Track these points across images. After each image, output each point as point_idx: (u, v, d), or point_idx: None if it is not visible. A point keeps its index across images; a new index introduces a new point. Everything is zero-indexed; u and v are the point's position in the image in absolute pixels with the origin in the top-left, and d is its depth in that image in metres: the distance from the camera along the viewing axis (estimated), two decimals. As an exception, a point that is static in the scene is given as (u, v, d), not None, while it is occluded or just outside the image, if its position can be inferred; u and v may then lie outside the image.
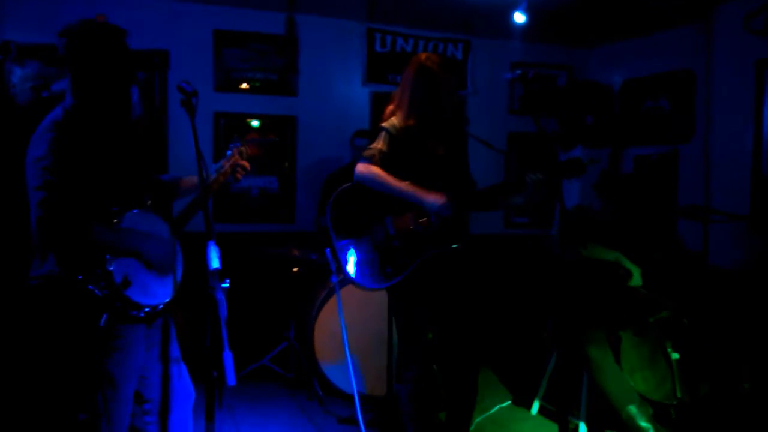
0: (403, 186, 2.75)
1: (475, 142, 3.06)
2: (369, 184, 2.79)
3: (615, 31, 5.60)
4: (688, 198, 5.00)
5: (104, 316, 2.07)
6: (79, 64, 2.17)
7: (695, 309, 3.51)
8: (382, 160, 2.79)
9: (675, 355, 3.35)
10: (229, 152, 2.59)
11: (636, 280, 3.41)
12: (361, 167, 2.80)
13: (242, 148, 2.62)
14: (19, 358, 3.30)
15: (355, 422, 3.36)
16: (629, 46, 5.71)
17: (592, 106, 5.78)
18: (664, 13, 4.93)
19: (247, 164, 2.55)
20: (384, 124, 2.87)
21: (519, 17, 4.88)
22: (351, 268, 2.86)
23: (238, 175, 2.54)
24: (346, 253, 2.88)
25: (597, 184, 3.66)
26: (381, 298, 3.13)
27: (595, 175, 3.75)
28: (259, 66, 5.23)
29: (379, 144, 2.82)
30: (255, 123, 5.24)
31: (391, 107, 2.94)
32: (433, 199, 2.70)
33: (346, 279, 2.92)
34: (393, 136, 2.82)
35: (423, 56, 2.88)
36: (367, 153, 2.83)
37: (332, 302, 3.97)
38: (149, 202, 2.35)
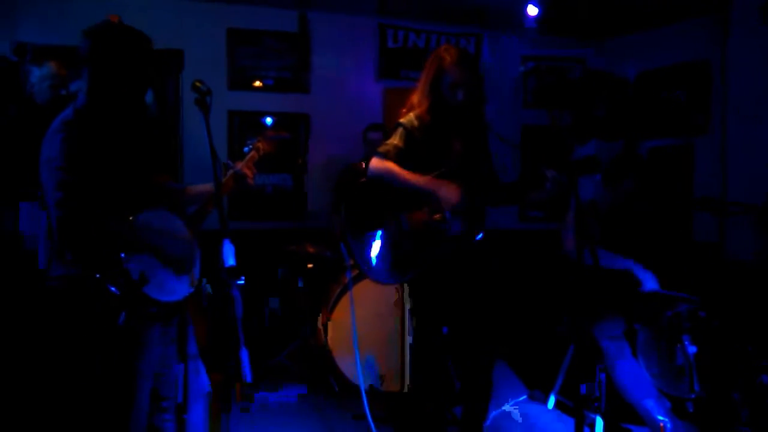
0: (417, 179, 2.75)
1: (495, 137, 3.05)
2: (383, 178, 2.79)
3: (629, 23, 5.54)
4: (704, 190, 4.96)
5: (122, 314, 2.09)
6: (100, 66, 2.17)
7: (712, 302, 3.48)
8: (397, 156, 2.79)
9: (692, 349, 3.33)
10: (246, 149, 2.59)
11: (650, 286, 3.36)
12: (376, 162, 2.80)
13: (258, 144, 2.61)
14: (38, 358, 3.33)
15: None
16: (644, 37, 5.65)
17: (606, 98, 5.73)
18: (681, 3, 4.88)
19: (249, 172, 2.51)
20: (401, 120, 2.87)
21: (532, 10, 4.85)
22: (366, 262, 2.86)
23: (249, 181, 2.52)
24: (361, 248, 2.88)
25: (604, 176, 3.63)
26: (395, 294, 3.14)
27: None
28: (272, 64, 5.25)
29: (394, 140, 2.82)
30: (268, 120, 5.26)
31: (414, 95, 2.96)
32: (447, 190, 2.70)
33: (362, 274, 2.93)
34: (409, 132, 2.81)
35: (443, 47, 2.89)
36: (381, 149, 2.83)
37: (347, 299, 3.98)
38: (164, 200, 2.37)
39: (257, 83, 5.22)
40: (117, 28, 2.22)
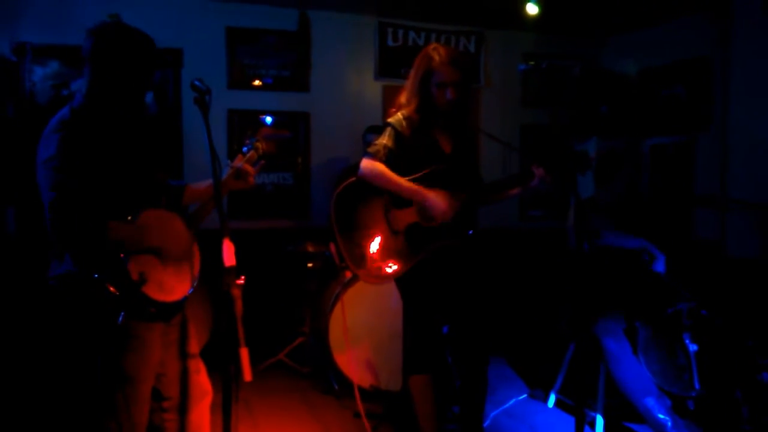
0: (406, 185, 2.76)
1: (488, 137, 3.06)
2: (372, 180, 2.79)
3: (630, 20, 5.54)
4: (705, 187, 4.95)
5: (122, 314, 2.08)
6: (102, 65, 2.16)
7: (713, 299, 3.48)
8: (387, 156, 2.79)
9: (693, 347, 3.33)
10: (246, 148, 2.57)
11: (659, 265, 3.37)
12: (366, 163, 2.80)
13: (257, 144, 2.59)
14: (39, 358, 3.33)
15: (370, 417, 3.37)
16: (645, 34, 5.65)
17: (608, 96, 5.73)
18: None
19: (251, 169, 2.45)
20: (390, 120, 2.86)
21: (531, 9, 4.84)
22: (355, 261, 2.85)
23: (250, 179, 2.49)
24: (350, 247, 2.87)
25: (595, 175, 3.63)
26: (395, 292, 3.13)
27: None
28: (272, 62, 5.25)
29: (383, 139, 2.83)
30: (268, 119, 5.26)
31: (402, 94, 2.94)
32: (435, 200, 2.70)
33: (352, 272, 2.92)
34: (398, 132, 2.81)
35: (432, 46, 2.87)
36: (371, 149, 2.83)
37: (346, 297, 3.98)
38: (164, 200, 2.36)
39: (257, 82, 5.22)
40: (121, 28, 2.21)
